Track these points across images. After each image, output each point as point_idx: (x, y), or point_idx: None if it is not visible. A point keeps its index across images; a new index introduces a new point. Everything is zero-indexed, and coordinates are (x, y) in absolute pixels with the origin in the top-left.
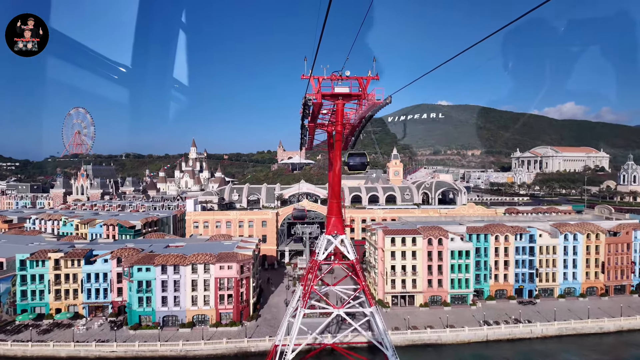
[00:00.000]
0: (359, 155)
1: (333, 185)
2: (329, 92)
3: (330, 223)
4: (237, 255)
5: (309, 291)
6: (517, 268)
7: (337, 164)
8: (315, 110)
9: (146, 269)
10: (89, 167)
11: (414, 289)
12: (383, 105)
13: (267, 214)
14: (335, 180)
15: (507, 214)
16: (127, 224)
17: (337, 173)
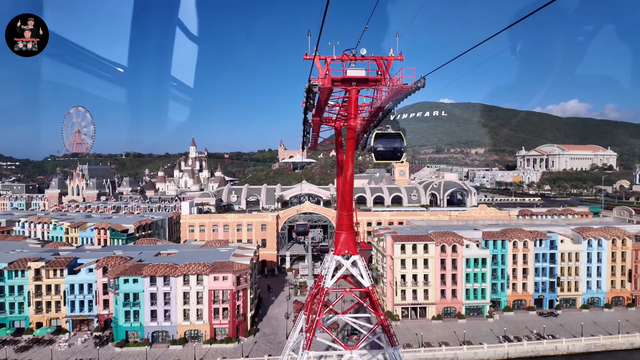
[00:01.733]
0: (392, 138)
1: (343, 194)
2: (339, 76)
3: (340, 241)
4: (232, 264)
5: (314, 327)
6: (537, 276)
7: (349, 168)
8: (322, 100)
9: (133, 281)
10: (84, 167)
11: (426, 300)
12: (413, 90)
13: (266, 217)
14: (346, 188)
15: (520, 216)
16: (119, 227)
17: (348, 179)
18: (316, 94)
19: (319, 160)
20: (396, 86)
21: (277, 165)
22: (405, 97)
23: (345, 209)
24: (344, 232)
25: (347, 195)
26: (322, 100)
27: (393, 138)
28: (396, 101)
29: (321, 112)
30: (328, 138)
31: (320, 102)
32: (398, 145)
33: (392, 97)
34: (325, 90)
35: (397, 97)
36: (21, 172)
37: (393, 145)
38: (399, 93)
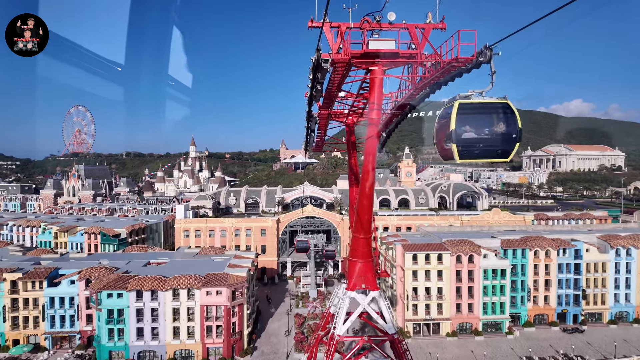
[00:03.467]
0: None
1: (360, 211)
2: (358, 50)
3: (355, 272)
4: (227, 277)
5: None
6: (560, 289)
7: (368, 178)
8: (334, 83)
9: (117, 295)
10: (80, 167)
11: (440, 315)
12: (473, 66)
13: (266, 222)
14: (364, 204)
15: (535, 221)
16: (111, 232)
17: (367, 192)
18: (326, 73)
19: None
20: (446, 61)
21: (279, 165)
22: (452, 79)
23: (362, 230)
24: (360, 260)
25: (365, 214)
26: (334, 84)
27: (496, 113)
28: (436, 86)
29: (331, 102)
30: (332, 136)
31: (332, 86)
32: (509, 128)
33: (434, 79)
34: (341, 67)
35: (442, 78)
36: (21, 172)
37: (499, 129)
38: (448, 72)
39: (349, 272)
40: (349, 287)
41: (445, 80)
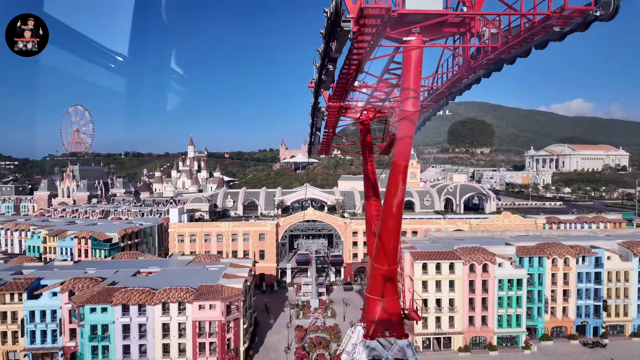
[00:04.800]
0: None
1: (384, 235)
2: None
3: (376, 314)
4: (222, 289)
5: None
6: (580, 299)
7: (397, 193)
8: (355, 60)
9: (102, 309)
10: (75, 167)
11: (452, 328)
12: (591, 18)
13: (265, 226)
14: (391, 227)
15: (547, 224)
16: (102, 236)
17: (394, 212)
18: (345, 41)
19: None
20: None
21: (278, 165)
22: (527, 53)
23: (386, 260)
24: (383, 298)
25: (391, 239)
26: (354, 62)
27: None
28: (494, 67)
29: (346, 92)
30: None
31: (351, 65)
32: None
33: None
34: (369, 32)
35: (513, 51)
36: (19, 172)
37: None
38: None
39: (367, 313)
40: (368, 333)
41: (516, 54)
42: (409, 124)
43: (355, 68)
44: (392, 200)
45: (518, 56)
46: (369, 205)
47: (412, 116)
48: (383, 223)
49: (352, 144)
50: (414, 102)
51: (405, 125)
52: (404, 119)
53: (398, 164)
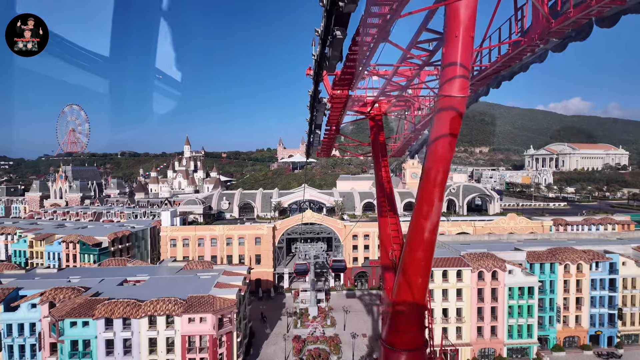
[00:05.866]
0: None
1: (409, 268)
2: None
3: None
4: (214, 301)
5: None
6: (594, 308)
7: (431, 213)
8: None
9: (83, 323)
10: (68, 167)
11: (459, 340)
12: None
13: (261, 229)
14: (419, 259)
15: (554, 226)
16: (91, 240)
17: (425, 238)
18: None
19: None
20: None
21: (276, 165)
22: None
23: (412, 300)
24: (406, 351)
25: (419, 274)
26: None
27: None
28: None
29: (355, 76)
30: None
31: (369, 34)
32: None
33: None
34: None
35: None
36: (14, 172)
37: None
38: None
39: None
40: None
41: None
42: (453, 115)
43: (379, 30)
44: (424, 224)
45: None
46: (384, 223)
47: (458, 104)
48: (409, 253)
49: (359, 144)
50: (462, 83)
51: (447, 118)
52: (445, 108)
53: (434, 174)
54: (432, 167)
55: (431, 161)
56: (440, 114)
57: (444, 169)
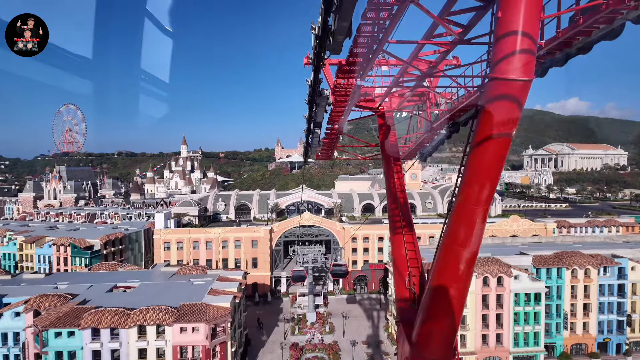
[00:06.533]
0: None
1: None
2: None
3: None
4: (207, 309)
5: None
6: (602, 314)
7: (473, 230)
8: None
9: (68, 334)
10: (62, 168)
11: (463, 348)
12: None
13: (258, 231)
14: (450, 297)
15: (557, 228)
16: (83, 243)
17: (462, 273)
18: None
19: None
20: None
21: (274, 165)
22: None
23: (437, 351)
24: None
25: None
26: None
27: None
28: None
29: (368, 61)
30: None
31: None
32: None
33: None
34: None
35: None
36: (10, 172)
37: None
38: None
39: None
40: None
41: None
42: (510, 107)
43: None
44: (460, 253)
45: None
46: (398, 242)
47: (519, 91)
48: (437, 290)
49: (366, 145)
50: (525, 61)
51: (502, 111)
52: (498, 97)
53: (477, 188)
54: (476, 178)
55: (474, 171)
56: (490, 106)
57: (491, 182)
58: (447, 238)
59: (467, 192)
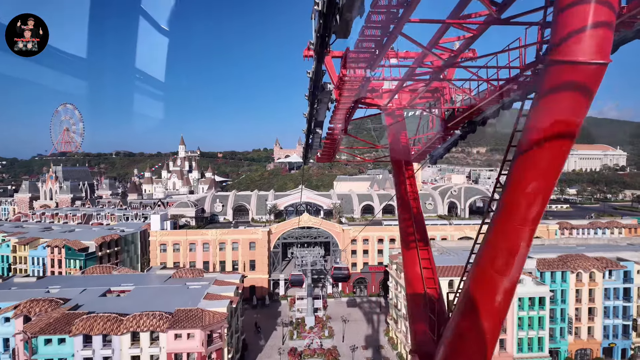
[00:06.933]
0: None
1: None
2: None
3: None
4: (202, 315)
5: None
6: (607, 319)
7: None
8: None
9: (59, 341)
10: (58, 168)
11: None
12: None
13: (256, 233)
14: (482, 331)
15: (559, 230)
16: (77, 245)
17: (497, 306)
18: None
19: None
20: None
21: (272, 165)
22: None
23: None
24: None
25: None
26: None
27: None
28: None
29: (382, 46)
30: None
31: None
32: None
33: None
34: None
35: None
36: (7, 172)
37: None
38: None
39: None
40: None
41: None
42: (576, 99)
43: None
44: (497, 281)
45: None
46: (411, 258)
47: (591, 78)
48: (468, 321)
49: (372, 147)
50: (603, 37)
51: (565, 103)
52: (561, 87)
53: (526, 203)
54: (524, 191)
55: (521, 181)
56: (549, 98)
57: (544, 195)
58: (480, 263)
59: (510, 208)
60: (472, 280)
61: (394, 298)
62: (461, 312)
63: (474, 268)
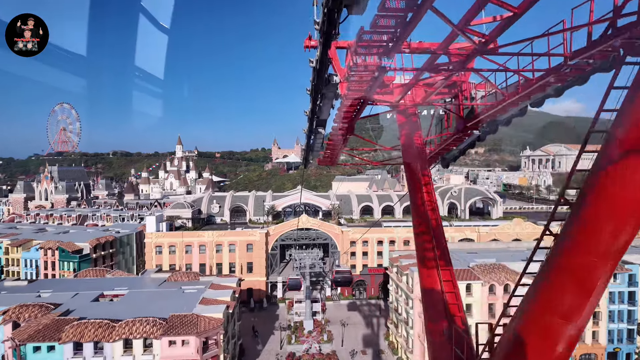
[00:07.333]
0: None
1: None
2: None
3: None
4: (198, 321)
5: None
6: (612, 323)
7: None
8: None
9: (48, 348)
10: (54, 168)
11: None
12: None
13: (253, 235)
14: None
15: None
16: (71, 247)
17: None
18: None
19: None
20: None
21: (270, 165)
22: None
23: None
24: None
25: None
26: None
27: None
28: None
29: (404, 30)
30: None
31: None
32: None
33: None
34: None
35: None
36: (3, 172)
37: None
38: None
39: None
40: None
41: None
42: None
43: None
44: (560, 328)
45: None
46: (430, 278)
47: None
48: None
49: (379, 149)
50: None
51: None
52: None
53: (611, 229)
54: (608, 216)
55: (604, 203)
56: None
57: (637, 220)
58: (536, 306)
59: (585, 238)
60: (523, 326)
61: (394, 302)
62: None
63: (527, 312)
